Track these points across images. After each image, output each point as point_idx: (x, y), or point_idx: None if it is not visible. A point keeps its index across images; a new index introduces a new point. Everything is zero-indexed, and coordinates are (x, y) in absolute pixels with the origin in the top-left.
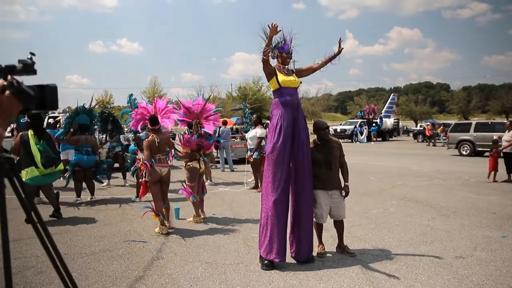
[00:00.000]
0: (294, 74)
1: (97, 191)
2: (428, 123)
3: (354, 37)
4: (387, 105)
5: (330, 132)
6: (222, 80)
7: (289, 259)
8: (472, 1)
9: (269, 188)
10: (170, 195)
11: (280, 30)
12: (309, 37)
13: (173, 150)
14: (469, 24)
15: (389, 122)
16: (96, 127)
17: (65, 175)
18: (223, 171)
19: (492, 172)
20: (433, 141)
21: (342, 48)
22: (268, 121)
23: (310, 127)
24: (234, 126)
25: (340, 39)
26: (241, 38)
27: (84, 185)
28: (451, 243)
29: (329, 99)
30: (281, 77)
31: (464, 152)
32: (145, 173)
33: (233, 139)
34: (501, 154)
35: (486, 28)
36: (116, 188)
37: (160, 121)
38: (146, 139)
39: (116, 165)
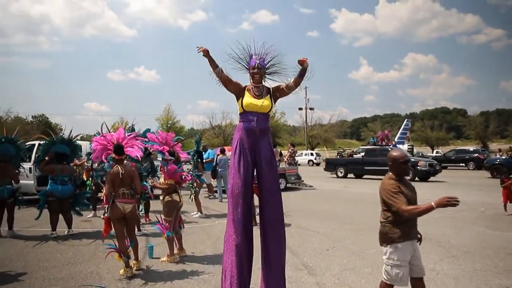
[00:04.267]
0: (268, 96)
1: (80, 223)
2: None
3: (368, 64)
4: (400, 131)
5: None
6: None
7: None
8: (487, 27)
9: (230, 229)
10: (147, 228)
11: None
12: (324, 64)
13: (151, 182)
14: (484, 49)
15: (403, 148)
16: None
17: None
18: (221, 201)
19: (510, 204)
20: None
21: (304, 61)
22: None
23: (324, 154)
24: None
25: (301, 59)
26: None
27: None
28: None
29: (343, 125)
30: (246, 99)
31: None
32: (106, 209)
33: None
34: None
35: (502, 53)
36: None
37: (124, 150)
38: (110, 171)
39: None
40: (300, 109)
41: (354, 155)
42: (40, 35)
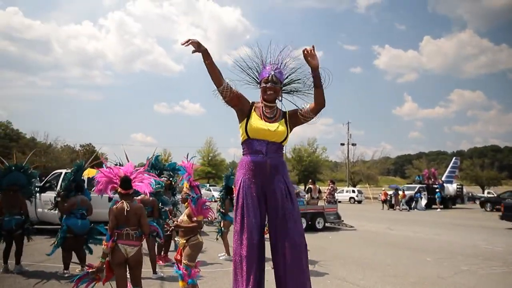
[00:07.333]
0: (283, 120)
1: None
2: (383, 189)
3: (413, 100)
4: (448, 169)
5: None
6: None
7: None
8: None
9: None
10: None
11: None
12: (367, 100)
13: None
14: None
15: (451, 188)
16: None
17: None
18: None
19: None
20: (386, 205)
21: (311, 55)
22: (310, 185)
23: (366, 191)
24: None
25: (307, 51)
26: (298, 101)
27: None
28: None
29: (387, 162)
30: (253, 122)
31: None
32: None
33: None
34: None
35: None
36: None
37: (132, 184)
38: (114, 207)
39: None
40: (342, 144)
41: None
42: (94, 70)
